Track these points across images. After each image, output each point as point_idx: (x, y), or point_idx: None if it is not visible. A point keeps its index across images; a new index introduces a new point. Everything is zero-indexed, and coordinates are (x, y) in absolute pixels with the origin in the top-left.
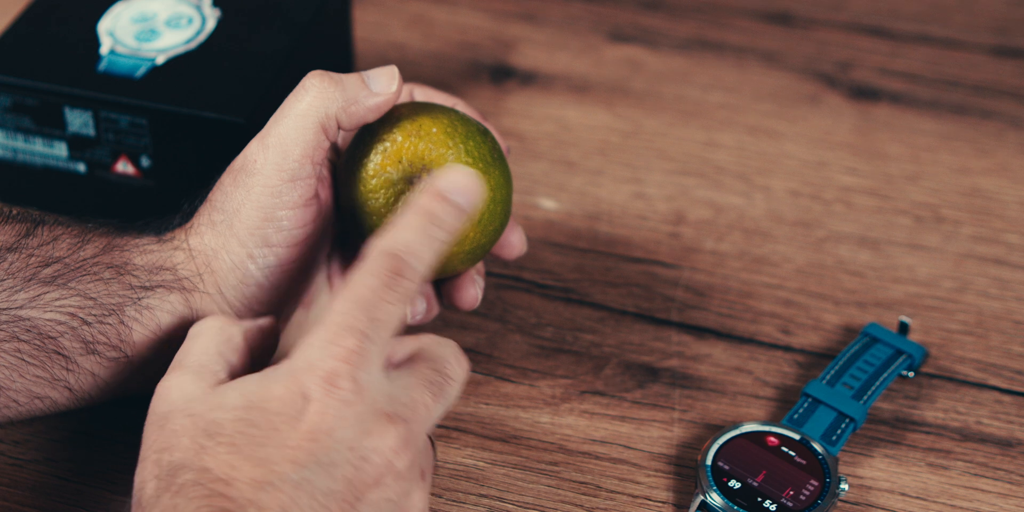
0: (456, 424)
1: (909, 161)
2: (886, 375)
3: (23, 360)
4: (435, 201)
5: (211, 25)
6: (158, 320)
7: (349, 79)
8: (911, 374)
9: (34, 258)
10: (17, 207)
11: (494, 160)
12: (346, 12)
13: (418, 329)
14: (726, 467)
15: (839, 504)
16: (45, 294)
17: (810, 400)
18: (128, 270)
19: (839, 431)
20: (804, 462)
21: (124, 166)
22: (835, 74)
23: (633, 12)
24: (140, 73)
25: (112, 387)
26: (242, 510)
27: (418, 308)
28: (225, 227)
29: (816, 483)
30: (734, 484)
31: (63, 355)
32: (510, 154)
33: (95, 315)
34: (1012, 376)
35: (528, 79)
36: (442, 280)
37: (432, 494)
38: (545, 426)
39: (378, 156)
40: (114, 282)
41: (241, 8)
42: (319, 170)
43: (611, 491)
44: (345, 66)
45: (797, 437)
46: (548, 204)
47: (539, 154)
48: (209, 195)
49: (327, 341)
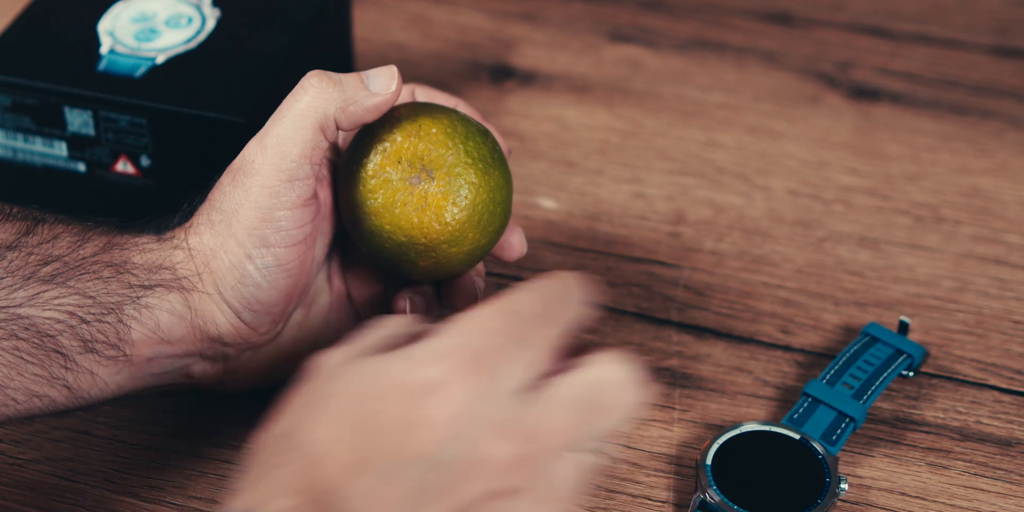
0: None
1: (909, 161)
2: (886, 375)
3: (22, 358)
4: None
5: (211, 25)
6: (157, 319)
7: (348, 79)
8: (911, 374)
9: (33, 256)
10: (17, 206)
11: (494, 161)
12: (346, 12)
13: None
14: (726, 467)
15: (839, 504)
16: (44, 292)
17: (810, 400)
18: (127, 269)
19: (839, 431)
20: (804, 462)
21: (124, 166)
22: (835, 74)
23: (633, 12)
24: (140, 73)
25: (111, 387)
26: (324, 494)
27: (418, 309)
28: (224, 227)
29: (816, 483)
30: (734, 484)
31: (62, 353)
32: (511, 155)
33: (94, 314)
34: (1012, 376)
35: (528, 79)
36: (441, 281)
37: None
38: None
39: (377, 156)
40: (113, 281)
41: (241, 8)
42: (318, 170)
43: (611, 491)
44: (345, 66)
45: (797, 437)
46: (548, 204)
47: (539, 154)
48: (209, 195)
49: (487, 330)
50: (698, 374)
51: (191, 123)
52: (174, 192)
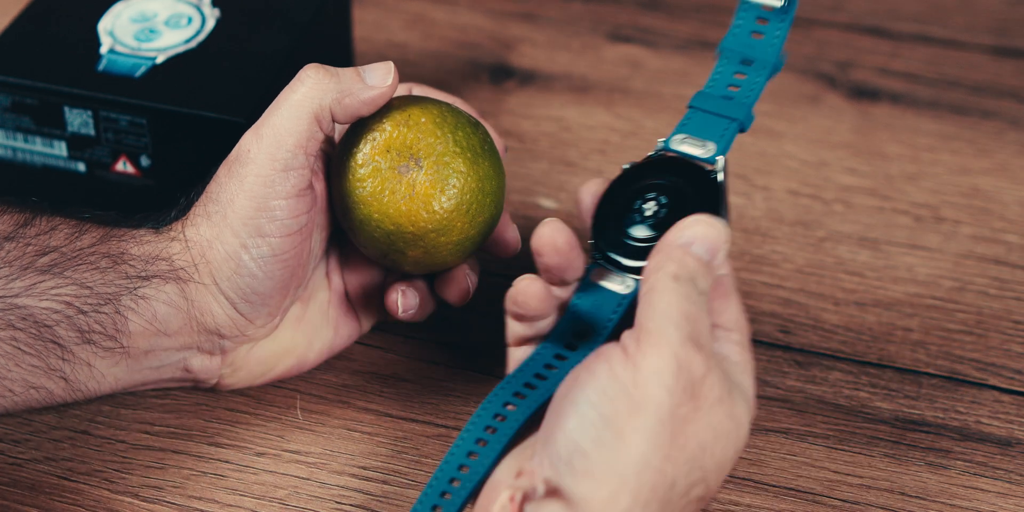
0: (457, 424)
1: (909, 161)
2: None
3: (19, 349)
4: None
5: (211, 25)
6: (154, 310)
7: (345, 72)
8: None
9: (31, 247)
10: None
11: (483, 151)
12: (346, 12)
13: (416, 325)
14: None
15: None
16: (41, 283)
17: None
18: (124, 260)
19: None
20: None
21: (124, 166)
22: (835, 74)
23: (633, 12)
24: (140, 73)
25: (108, 379)
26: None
27: (410, 301)
28: (219, 218)
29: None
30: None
31: (59, 344)
32: (508, 153)
33: (91, 304)
34: (1011, 376)
35: (528, 79)
36: (434, 275)
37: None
38: None
39: (367, 145)
40: (110, 271)
41: (241, 8)
42: (313, 161)
43: None
44: (345, 65)
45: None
46: (548, 204)
47: (539, 154)
48: (206, 187)
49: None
50: None
51: (191, 123)
52: (174, 192)
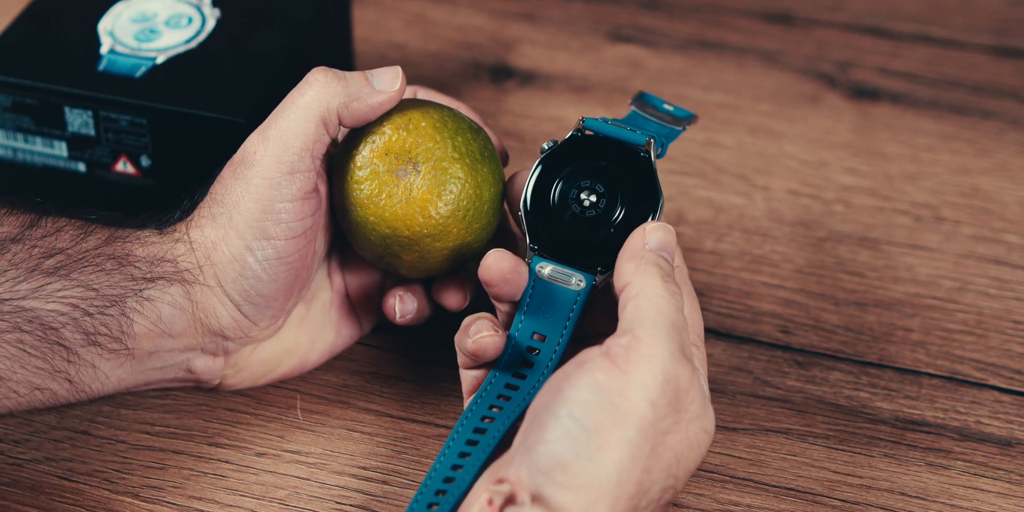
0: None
1: (909, 161)
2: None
3: (25, 351)
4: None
5: (211, 25)
6: (159, 312)
7: (353, 76)
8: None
9: (37, 249)
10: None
11: (483, 157)
12: (346, 12)
13: (416, 326)
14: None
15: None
16: (48, 285)
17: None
18: (130, 261)
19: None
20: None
21: (124, 166)
22: (835, 74)
23: (633, 12)
24: (140, 73)
25: (112, 380)
26: None
27: (408, 306)
28: (225, 220)
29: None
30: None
31: (64, 346)
32: (506, 152)
33: (97, 306)
34: (1012, 376)
35: (528, 79)
36: (431, 280)
37: None
38: None
39: (367, 148)
40: (116, 273)
41: (241, 8)
42: (319, 164)
43: None
44: (345, 66)
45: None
46: None
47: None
48: (210, 189)
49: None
50: None
51: (191, 123)
52: (174, 192)
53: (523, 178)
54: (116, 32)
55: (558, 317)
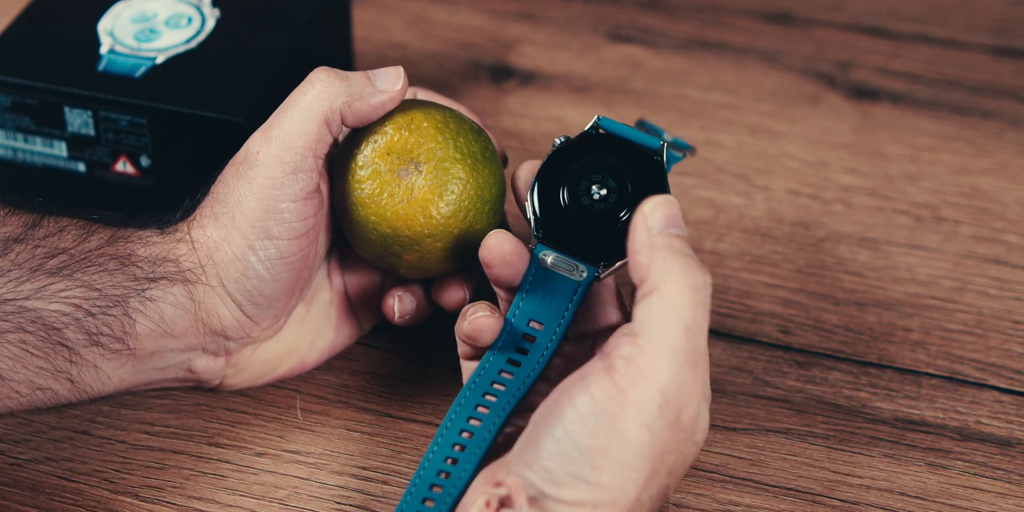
0: None
1: (909, 161)
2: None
3: (27, 351)
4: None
5: (211, 25)
6: (161, 312)
7: (355, 76)
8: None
9: (40, 249)
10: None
11: (484, 159)
12: (346, 12)
13: (415, 326)
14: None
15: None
16: (50, 285)
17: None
18: (132, 261)
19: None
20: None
21: (124, 166)
22: (835, 74)
23: (633, 12)
24: (140, 73)
25: (114, 381)
26: None
27: (407, 307)
28: (227, 219)
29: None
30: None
31: (67, 346)
32: (508, 153)
33: (100, 306)
34: (1012, 376)
35: (528, 79)
36: (431, 280)
37: None
38: None
39: (368, 148)
40: (118, 273)
41: (241, 8)
42: (321, 164)
43: None
44: (345, 66)
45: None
46: None
47: (539, 154)
48: (212, 188)
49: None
50: None
51: (191, 123)
52: (174, 192)
53: (532, 167)
54: (116, 32)
55: (557, 306)
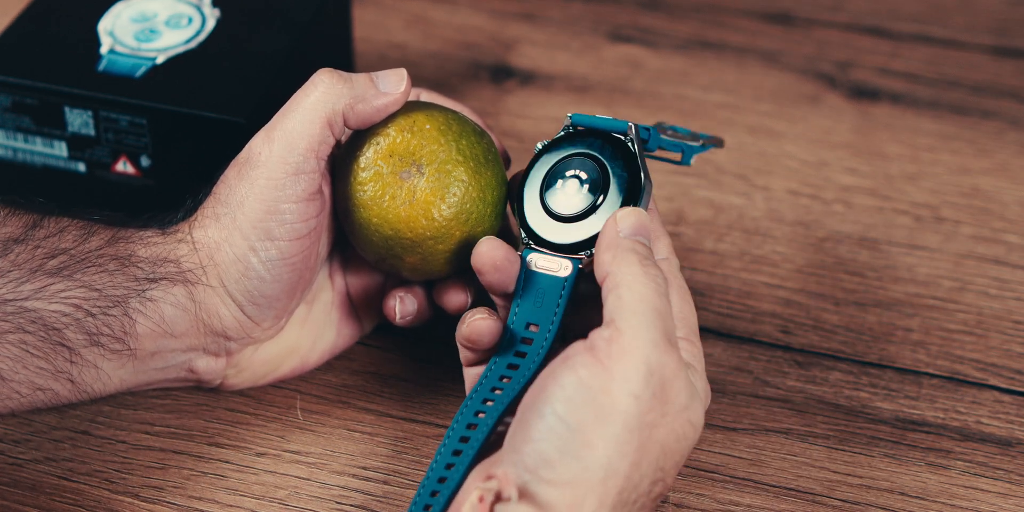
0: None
1: (909, 161)
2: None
3: (27, 351)
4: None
5: (211, 25)
6: (161, 312)
7: (358, 78)
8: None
9: (40, 249)
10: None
11: (487, 161)
12: (346, 12)
13: (411, 330)
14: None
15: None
16: (51, 285)
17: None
18: (133, 262)
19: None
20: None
21: (124, 166)
22: (835, 74)
23: (633, 12)
24: (140, 73)
25: (114, 381)
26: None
27: (408, 308)
28: (228, 220)
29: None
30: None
31: (67, 347)
32: (508, 156)
33: (100, 307)
34: (1012, 376)
35: (528, 79)
36: (433, 282)
37: None
38: None
39: (370, 150)
40: (119, 274)
41: (241, 8)
42: (323, 165)
43: None
44: (345, 66)
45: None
46: None
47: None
48: (214, 189)
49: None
50: None
51: (191, 123)
52: (174, 192)
53: (518, 177)
54: (116, 32)
55: (548, 306)
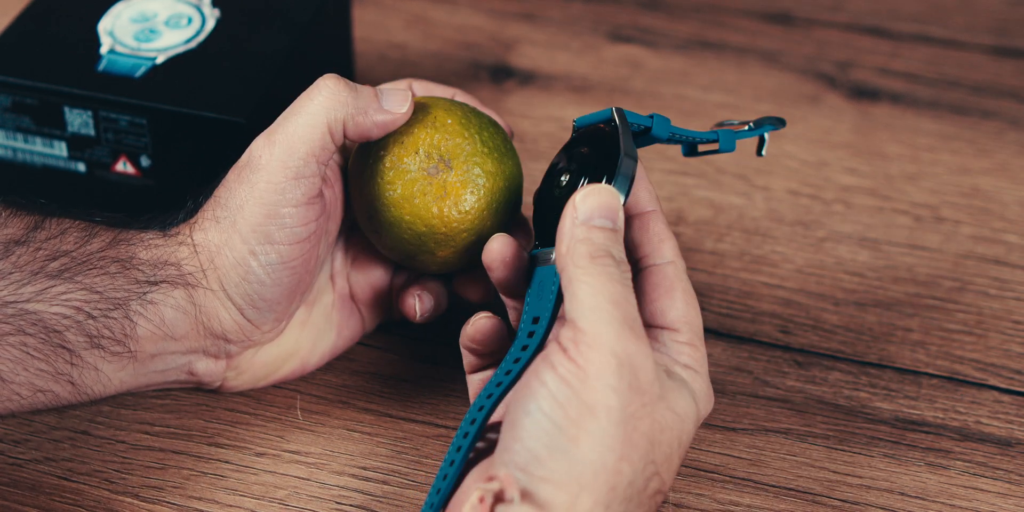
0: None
1: (909, 161)
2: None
3: (28, 354)
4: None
5: (211, 25)
6: (162, 315)
7: (363, 89)
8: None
9: (41, 251)
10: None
11: (507, 150)
12: (346, 12)
13: (416, 326)
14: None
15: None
16: (52, 288)
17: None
18: (134, 264)
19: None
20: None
21: (124, 166)
22: (835, 74)
23: (633, 12)
24: (140, 73)
25: (115, 383)
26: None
27: (427, 306)
28: (228, 223)
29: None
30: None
31: (68, 349)
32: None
33: (101, 309)
34: (1011, 376)
35: (528, 79)
36: (451, 274)
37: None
38: None
39: (394, 148)
40: (120, 276)
41: (241, 8)
42: (324, 170)
43: None
44: (345, 66)
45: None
46: None
47: (539, 154)
48: (214, 191)
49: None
50: None
51: (191, 123)
52: (174, 192)
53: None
54: (116, 32)
55: (546, 298)
